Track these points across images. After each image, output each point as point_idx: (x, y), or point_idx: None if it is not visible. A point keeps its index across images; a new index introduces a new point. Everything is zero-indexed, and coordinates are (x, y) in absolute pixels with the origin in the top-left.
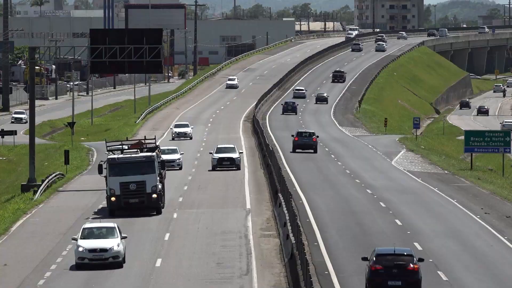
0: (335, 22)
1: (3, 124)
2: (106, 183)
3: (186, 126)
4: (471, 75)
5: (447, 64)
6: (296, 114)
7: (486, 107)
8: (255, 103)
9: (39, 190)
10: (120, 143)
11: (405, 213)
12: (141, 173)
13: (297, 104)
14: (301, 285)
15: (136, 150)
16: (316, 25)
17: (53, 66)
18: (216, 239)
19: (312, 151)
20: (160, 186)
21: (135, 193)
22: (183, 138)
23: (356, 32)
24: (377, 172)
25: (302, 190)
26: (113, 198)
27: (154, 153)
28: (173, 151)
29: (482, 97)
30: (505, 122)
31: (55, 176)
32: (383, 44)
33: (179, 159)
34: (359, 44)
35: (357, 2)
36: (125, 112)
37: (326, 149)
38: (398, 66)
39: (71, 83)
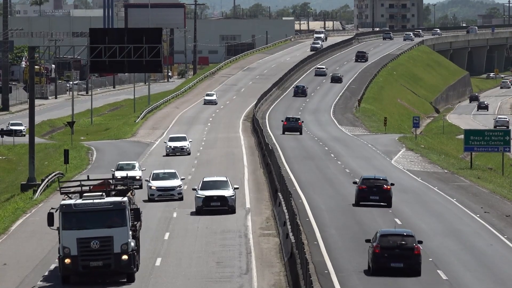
0: (334, 21)
1: (3, 123)
2: (59, 239)
3: (183, 139)
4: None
5: (446, 63)
6: (306, 96)
7: (486, 102)
8: (254, 102)
9: (39, 190)
10: (79, 183)
11: (405, 212)
12: (107, 226)
13: (307, 88)
14: (300, 284)
15: (101, 193)
16: (316, 25)
17: (53, 66)
18: (216, 238)
19: (298, 133)
20: (133, 244)
21: (99, 253)
22: (179, 154)
23: (322, 35)
24: (377, 171)
25: (302, 189)
26: (67, 260)
27: (125, 198)
28: (172, 176)
29: (485, 94)
30: (498, 117)
31: (55, 175)
32: (410, 34)
33: (179, 186)
34: (390, 33)
35: (357, 1)
36: (124, 112)
37: (326, 148)
38: (398, 65)
39: (71, 82)
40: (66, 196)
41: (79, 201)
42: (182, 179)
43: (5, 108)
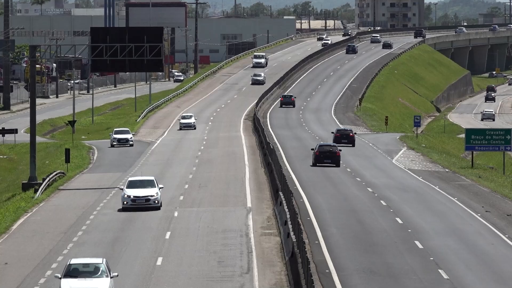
0: (335, 21)
1: (4, 122)
2: None
3: (149, 184)
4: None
5: (447, 62)
6: (356, 53)
7: (493, 94)
8: (255, 101)
9: (40, 189)
10: None
11: (406, 212)
12: None
13: (357, 46)
14: (302, 284)
15: None
16: (317, 24)
17: (54, 65)
18: (217, 237)
19: (292, 106)
20: None
21: None
22: (143, 205)
23: (263, 60)
24: (378, 170)
25: (303, 188)
26: None
27: None
28: None
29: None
30: (485, 111)
31: (56, 174)
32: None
33: None
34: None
35: (358, 0)
36: (125, 111)
37: None
38: (399, 64)
39: (72, 81)
40: None
41: None
42: None
43: (6, 107)
